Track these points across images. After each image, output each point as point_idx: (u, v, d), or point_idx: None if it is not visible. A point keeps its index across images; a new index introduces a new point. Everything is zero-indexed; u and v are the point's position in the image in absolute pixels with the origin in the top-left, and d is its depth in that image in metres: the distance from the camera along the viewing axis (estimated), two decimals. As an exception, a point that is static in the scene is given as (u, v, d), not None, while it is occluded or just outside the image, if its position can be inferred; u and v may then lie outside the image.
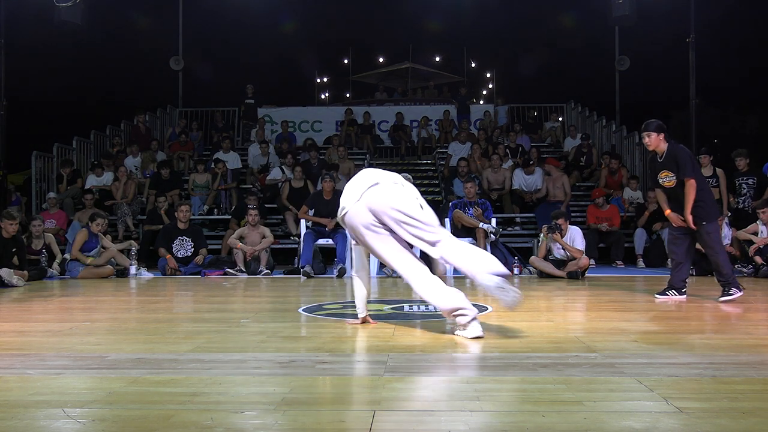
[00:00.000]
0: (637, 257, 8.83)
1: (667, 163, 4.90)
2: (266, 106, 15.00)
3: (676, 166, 4.84)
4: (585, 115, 14.15)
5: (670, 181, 4.91)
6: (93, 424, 1.91)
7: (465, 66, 24.44)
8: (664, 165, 4.93)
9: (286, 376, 2.49)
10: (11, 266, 6.70)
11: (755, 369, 2.57)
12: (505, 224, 9.86)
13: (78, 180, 10.89)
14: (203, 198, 10.52)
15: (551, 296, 5.49)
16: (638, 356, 2.82)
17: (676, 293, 4.96)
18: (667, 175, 4.90)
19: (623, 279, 7.18)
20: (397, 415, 1.99)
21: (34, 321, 4.21)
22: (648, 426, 1.84)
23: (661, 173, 4.95)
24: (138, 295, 5.96)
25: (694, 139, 10.99)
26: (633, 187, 10.11)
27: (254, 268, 7.94)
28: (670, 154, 4.89)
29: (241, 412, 2.01)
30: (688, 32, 11.02)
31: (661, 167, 4.95)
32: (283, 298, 5.59)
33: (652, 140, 4.96)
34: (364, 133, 14.09)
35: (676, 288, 4.97)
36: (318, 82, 27.46)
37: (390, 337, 3.35)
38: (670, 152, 4.89)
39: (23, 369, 2.63)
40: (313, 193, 8.63)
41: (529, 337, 3.31)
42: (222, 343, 3.23)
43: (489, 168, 10.62)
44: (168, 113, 14.80)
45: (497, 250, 7.69)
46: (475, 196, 8.08)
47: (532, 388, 2.28)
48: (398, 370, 2.61)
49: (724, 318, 4.20)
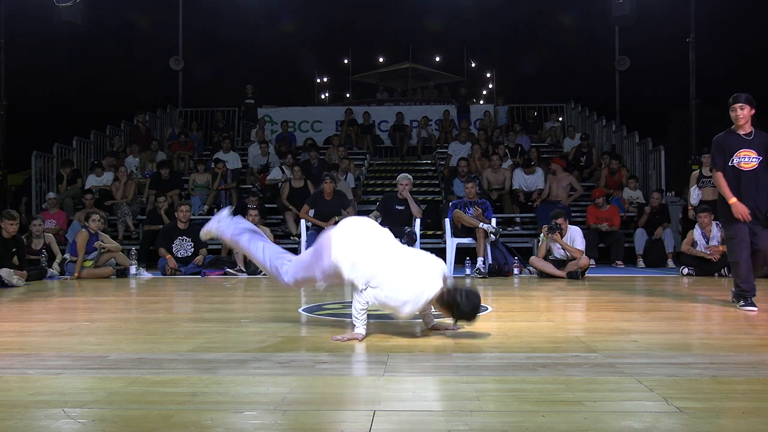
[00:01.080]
0: (638, 257, 8.83)
1: (756, 142, 4.27)
2: (266, 106, 15.01)
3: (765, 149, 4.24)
4: (585, 115, 14.15)
5: (751, 163, 4.24)
6: (93, 424, 1.91)
7: (465, 66, 24.44)
8: (751, 143, 4.28)
9: (286, 376, 2.49)
10: (11, 266, 6.71)
11: (755, 369, 2.57)
12: (505, 224, 9.86)
13: (78, 180, 10.89)
14: (203, 198, 10.52)
15: (551, 296, 5.49)
16: (638, 356, 2.82)
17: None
18: (749, 155, 4.25)
19: (623, 279, 7.18)
20: (397, 415, 1.99)
21: (34, 321, 4.21)
22: (648, 426, 1.84)
23: (741, 152, 4.28)
24: (138, 295, 5.96)
25: (694, 139, 10.98)
26: (632, 187, 10.11)
27: (254, 268, 7.93)
28: (759, 134, 4.30)
29: (241, 412, 2.01)
30: (688, 32, 11.00)
31: (745, 145, 4.29)
32: (283, 298, 5.59)
33: (746, 113, 4.31)
34: (364, 133, 14.09)
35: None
36: (318, 82, 27.47)
37: (390, 337, 3.35)
38: (759, 133, 4.31)
39: (23, 369, 2.63)
40: (314, 193, 8.63)
41: (529, 337, 3.32)
42: (222, 343, 3.23)
43: (489, 168, 10.62)
44: (168, 113, 14.80)
45: (497, 250, 7.69)
46: (475, 196, 8.08)
47: (532, 388, 2.28)
48: (398, 370, 2.61)
49: (724, 318, 4.19)
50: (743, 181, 4.29)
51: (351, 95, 24.86)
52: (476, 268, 7.39)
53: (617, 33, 14.52)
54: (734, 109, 4.35)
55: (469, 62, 25.77)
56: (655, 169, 10.82)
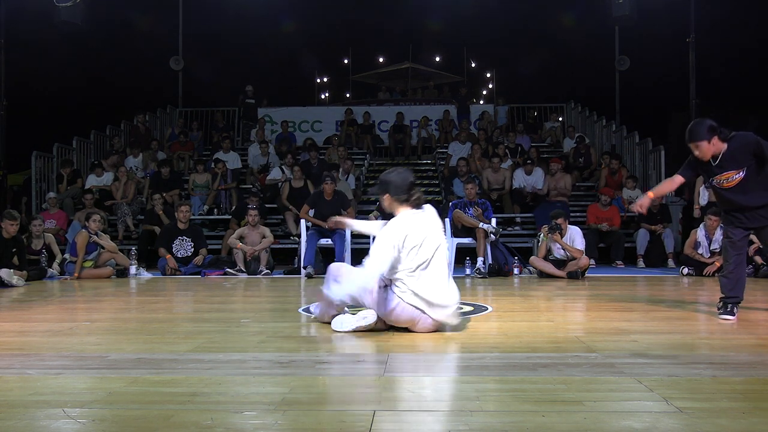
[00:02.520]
0: (638, 257, 8.83)
1: (728, 163, 3.99)
2: (266, 106, 15.01)
3: (740, 161, 3.94)
4: (585, 115, 14.16)
5: (733, 181, 3.99)
6: (93, 424, 1.91)
7: (465, 66, 24.45)
8: (723, 168, 4.01)
9: (286, 376, 2.49)
10: (11, 266, 6.71)
11: (755, 369, 2.57)
12: (505, 224, 9.87)
13: (78, 180, 10.90)
14: (203, 198, 10.53)
15: (551, 296, 5.49)
16: (638, 356, 2.82)
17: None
18: (729, 176, 4.00)
19: (623, 279, 7.18)
20: (397, 415, 1.99)
21: (34, 321, 4.20)
22: (648, 426, 1.84)
23: (717, 177, 4.05)
24: (138, 295, 5.96)
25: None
26: (630, 187, 10.12)
27: (254, 268, 7.94)
28: (731, 150, 3.97)
29: (241, 412, 2.01)
30: (688, 32, 11.02)
31: (718, 172, 4.04)
32: (283, 298, 5.59)
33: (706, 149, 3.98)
34: (364, 133, 14.09)
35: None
36: (318, 82, 27.48)
37: (390, 337, 3.35)
38: (731, 148, 3.97)
39: (23, 369, 2.63)
40: (314, 193, 8.63)
41: (529, 337, 3.31)
42: (222, 343, 3.23)
43: (489, 168, 10.62)
44: (168, 113, 14.81)
45: (497, 250, 7.69)
46: (475, 197, 8.08)
47: (532, 388, 2.28)
48: (398, 370, 2.61)
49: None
50: (728, 194, 4.05)
51: (351, 95, 24.88)
52: (476, 268, 7.39)
53: (617, 33, 14.53)
54: (691, 150, 4.03)
55: (469, 62, 25.80)
56: (655, 169, 10.82)
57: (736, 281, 4.03)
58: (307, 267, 7.48)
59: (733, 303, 4.01)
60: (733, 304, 4.00)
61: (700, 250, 7.42)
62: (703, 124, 3.96)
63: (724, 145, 3.96)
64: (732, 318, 3.93)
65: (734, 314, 3.96)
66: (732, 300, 4.01)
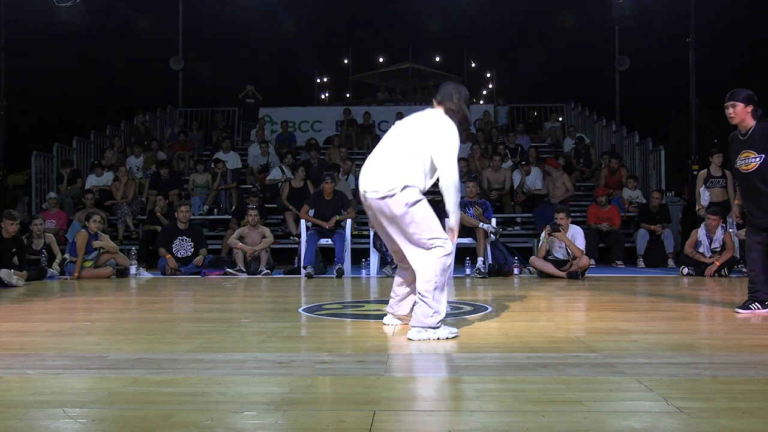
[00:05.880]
0: (638, 257, 8.83)
1: (754, 140, 4.09)
2: (266, 106, 15.00)
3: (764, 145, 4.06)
4: (585, 115, 14.15)
5: (750, 164, 4.09)
6: (93, 424, 1.91)
7: (465, 66, 24.46)
8: (747, 143, 4.12)
9: (286, 376, 2.49)
10: (11, 266, 6.70)
11: (755, 369, 2.57)
12: (505, 224, 9.86)
13: (78, 180, 10.89)
14: (203, 198, 10.52)
15: (551, 296, 5.49)
16: (638, 356, 2.82)
17: (759, 306, 4.17)
18: (749, 156, 4.10)
19: (623, 279, 7.18)
20: (397, 415, 1.99)
21: (34, 321, 4.20)
22: (648, 426, 1.84)
23: (742, 153, 4.14)
24: (138, 295, 5.96)
25: (694, 139, 10.98)
26: (631, 187, 10.12)
27: (254, 268, 7.94)
28: (760, 128, 4.08)
29: (241, 412, 2.01)
30: (688, 32, 10.99)
31: (743, 146, 4.14)
32: (283, 298, 5.59)
33: (738, 111, 4.12)
34: (364, 133, 14.08)
35: (760, 300, 4.18)
36: (318, 82, 27.50)
37: (390, 337, 3.35)
38: (760, 127, 4.08)
39: (23, 369, 2.63)
40: (314, 193, 8.63)
41: (529, 337, 3.31)
42: (222, 343, 3.23)
43: (489, 168, 10.62)
44: (168, 113, 14.80)
45: (497, 250, 7.69)
46: (475, 196, 8.08)
47: (532, 388, 2.28)
48: (398, 370, 2.61)
49: (724, 318, 4.19)
50: (744, 183, 4.19)
51: (351, 95, 24.88)
52: (476, 268, 7.39)
53: (617, 33, 14.52)
54: (726, 107, 4.16)
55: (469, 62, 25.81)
56: (655, 169, 10.82)
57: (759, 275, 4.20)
58: (307, 267, 7.47)
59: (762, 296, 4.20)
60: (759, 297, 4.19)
61: (701, 249, 7.42)
62: (744, 90, 4.16)
63: (754, 122, 4.14)
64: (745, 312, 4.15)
65: None
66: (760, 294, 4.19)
